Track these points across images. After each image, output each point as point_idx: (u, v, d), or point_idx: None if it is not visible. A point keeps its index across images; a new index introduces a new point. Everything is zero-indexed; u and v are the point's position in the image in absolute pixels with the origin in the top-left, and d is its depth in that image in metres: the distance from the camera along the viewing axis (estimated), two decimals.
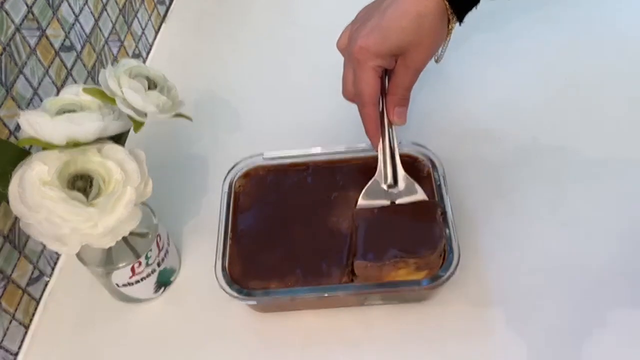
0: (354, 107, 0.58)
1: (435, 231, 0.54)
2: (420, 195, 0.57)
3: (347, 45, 0.55)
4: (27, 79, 0.59)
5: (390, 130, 0.57)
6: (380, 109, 0.57)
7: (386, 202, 0.57)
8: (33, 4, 0.60)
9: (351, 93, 0.57)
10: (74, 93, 0.51)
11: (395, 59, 0.55)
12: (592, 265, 0.57)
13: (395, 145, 0.58)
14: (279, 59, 0.83)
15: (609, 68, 0.74)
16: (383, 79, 0.56)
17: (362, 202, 0.58)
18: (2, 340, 0.56)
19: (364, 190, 0.58)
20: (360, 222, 0.56)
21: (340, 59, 0.58)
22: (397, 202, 0.57)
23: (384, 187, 0.58)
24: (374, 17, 0.53)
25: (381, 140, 0.57)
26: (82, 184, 0.47)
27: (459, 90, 0.75)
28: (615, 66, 0.74)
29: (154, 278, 0.58)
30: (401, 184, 0.57)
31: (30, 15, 0.59)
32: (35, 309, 0.60)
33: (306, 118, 0.74)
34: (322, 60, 0.80)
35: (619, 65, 0.74)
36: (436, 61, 0.59)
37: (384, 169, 0.58)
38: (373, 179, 0.58)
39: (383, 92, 0.56)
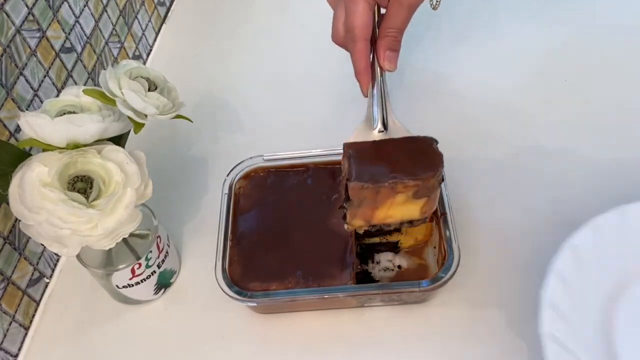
0: (354, 108, 0.57)
1: (434, 157, 0.50)
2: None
3: None
4: (27, 81, 0.59)
5: (381, 77, 0.54)
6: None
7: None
8: (33, 5, 0.60)
9: (341, 35, 0.54)
10: (74, 94, 0.51)
11: None
12: None
13: (387, 92, 0.54)
14: (279, 60, 0.83)
15: (609, 68, 0.74)
16: (374, 17, 0.53)
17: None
18: (2, 342, 0.56)
19: (352, 134, 0.54)
20: (352, 151, 0.51)
21: (340, 58, 0.58)
22: None
23: (375, 132, 0.54)
24: None
25: (371, 86, 0.54)
26: (82, 186, 0.47)
27: (458, 91, 0.75)
28: (615, 66, 0.74)
29: (154, 279, 0.58)
30: (392, 129, 0.54)
31: (30, 17, 0.59)
32: (35, 310, 0.60)
33: (306, 119, 0.74)
34: (323, 61, 0.81)
35: (619, 66, 0.74)
36: (433, 8, 0.56)
37: (373, 114, 0.54)
38: (361, 122, 0.55)
39: (373, 39, 0.54)
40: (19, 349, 0.58)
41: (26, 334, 0.59)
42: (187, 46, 0.88)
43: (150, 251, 0.56)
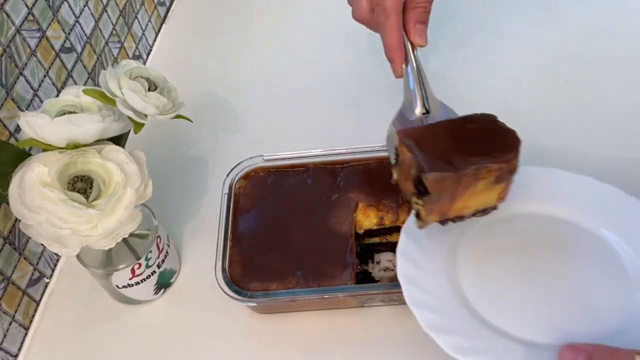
0: (354, 107, 0.57)
1: (506, 135, 0.46)
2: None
3: None
4: (27, 80, 0.59)
5: (414, 52, 0.50)
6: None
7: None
8: (33, 5, 0.60)
9: (366, 11, 0.51)
10: (74, 94, 0.51)
11: None
12: None
13: (422, 69, 0.50)
14: (279, 60, 0.83)
15: (609, 68, 0.74)
16: None
17: (392, 135, 0.50)
18: (2, 342, 0.56)
19: (392, 121, 0.50)
20: (411, 140, 0.46)
21: (340, 57, 0.58)
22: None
23: (417, 114, 0.50)
24: None
25: (404, 64, 0.50)
26: (82, 186, 0.47)
27: (458, 91, 0.74)
28: (615, 66, 0.74)
29: (154, 279, 0.58)
30: (435, 110, 0.50)
31: (30, 17, 0.59)
32: (35, 310, 0.60)
33: (306, 119, 0.74)
34: (323, 61, 0.81)
35: (619, 65, 0.74)
36: None
37: (413, 95, 0.50)
38: (399, 109, 0.51)
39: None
40: (19, 349, 0.58)
41: (26, 334, 0.59)
42: (187, 46, 0.88)
43: (150, 251, 0.56)
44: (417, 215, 0.47)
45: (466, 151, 0.45)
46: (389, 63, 0.52)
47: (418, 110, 0.50)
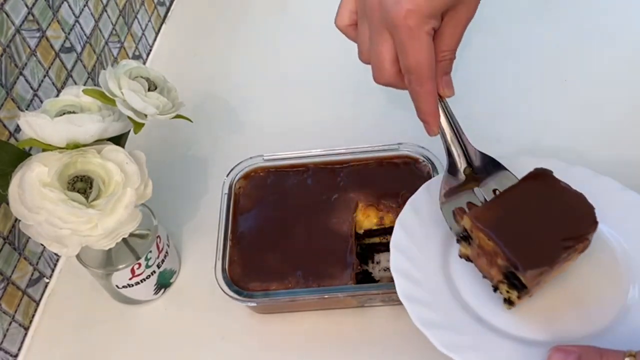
0: (354, 107, 0.57)
1: (579, 197, 0.45)
2: (503, 168, 0.50)
3: (376, 13, 0.44)
4: (27, 80, 0.59)
5: (443, 104, 0.49)
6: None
7: (478, 192, 0.49)
8: (33, 5, 0.60)
9: (390, 74, 0.47)
10: (74, 94, 0.51)
11: (443, 16, 0.46)
12: None
13: (456, 121, 0.49)
14: (279, 60, 0.83)
15: (609, 68, 0.74)
16: None
17: (446, 203, 0.49)
18: (2, 342, 0.56)
19: (441, 194, 0.49)
20: (491, 227, 0.44)
21: (340, 57, 0.58)
22: (491, 185, 0.49)
23: (462, 173, 0.50)
24: None
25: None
26: (82, 186, 0.47)
27: (458, 92, 0.74)
28: (615, 66, 0.74)
29: (154, 279, 0.58)
30: (477, 160, 0.49)
31: (30, 17, 0.59)
32: (35, 310, 0.60)
33: (306, 119, 0.74)
34: (323, 61, 0.81)
35: (619, 65, 0.74)
36: None
37: (455, 153, 0.49)
38: (444, 174, 0.50)
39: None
40: (19, 349, 0.58)
41: (26, 334, 0.59)
42: (187, 46, 0.88)
43: (150, 251, 0.56)
44: (507, 301, 0.46)
45: (547, 228, 0.45)
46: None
47: (462, 168, 0.50)
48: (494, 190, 0.50)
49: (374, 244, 0.60)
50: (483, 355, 0.44)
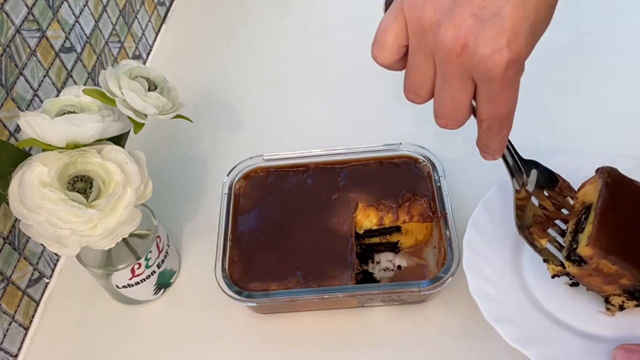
0: (354, 107, 0.57)
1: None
2: (534, 164, 0.51)
3: (453, 58, 0.36)
4: (27, 80, 0.59)
5: None
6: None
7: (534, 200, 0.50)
8: (33, 5, 0.60)
9: (465, 119, 0.42)
10: (74, 94, 0.51)
11: None
12: None
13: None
14: (279, 60, 0.83)
15: (609, 68, 0.74)
16: None
17: (522, 226, 0.49)
18: (2, 342, 0.56)
19: (514, 214, 0.49)
20: (613, 253, 0.44)
21: (340, 57, 0.58)
22: (536, 187, 0.51)
23: (518, 186, 0.50)
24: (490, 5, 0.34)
25: None
26: (82, 186, 0.47)
27: None
28: (615, 66, 0.74)
29: (153, 279, 0.58)
30: (525, 168, 0.50)
31: (30, 17, 0.59)
32: (35, 310, 0.60)
33: (306, 119, 0.74)
34: (323, 61, 0.81)
35: (619, 65, 0.74)
36: None
37: (514, 172, 0.50)
38: (513, 193, 0.50)
39: None
40: (19, 349, 0.58)
41: (26, 334, 0.59)
42: (187, 46, 0.88)
43: (150, 251, 0.56)
44: (621, 308, 0.47)
45: None
46: None
47: (521, 181, 0.50)
48: (546, 195, 0.51)
49: (374, 244, 0.60)
50: (555, 350, 0.45)
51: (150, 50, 0.87)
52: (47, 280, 0.62)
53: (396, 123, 0.69)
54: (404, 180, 0.59)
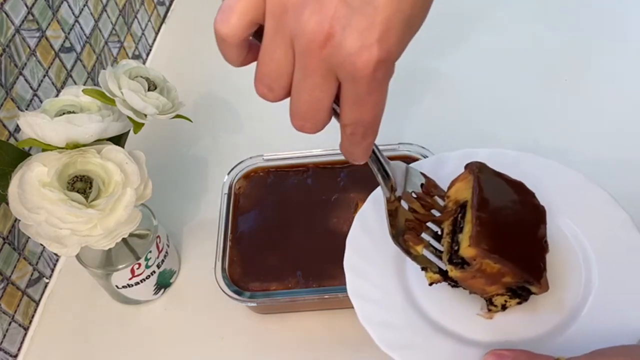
0: None
1: (521, 186, 0.47)
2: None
3: (315, 52, 0.31)
4: (26, 80, 0.59)
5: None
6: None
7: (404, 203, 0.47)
8: (33, 5, 0.60)
9: (325, 123, 0.39)
10: (73, 94, 0.51)
11: None
12: None
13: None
14: None
15: (609, 68, 0.74)
16: None
17: (395, 234, 0.46)
18: (2, 342, 0.56)
19: (387, 223, 0.45)
20: (495, 251, 0.42)
21: None
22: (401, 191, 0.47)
23: (388, 193, 0.46)
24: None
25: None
26: (81, 186, 0.47)
27: (458, 91, 0.75)
28: (615, 66, 0.74)
29: (153, 279, 0.58)
30: (393, 170, 0.46)
31: (30, 17, 0.59)
32: (35, 310, 0.60)
33: None
34: None
35: (619, 65, 0.74)
36: None
37: (382, 177, 0.45)
38: (384, 201, 0.46)
39: None
40: (19, 349, 0.58)
41: (25, 334, 0.59)
42: (187, 46, 0.88)
43: (150, 251, 0.56)
44: (503, 307, 0.45)
45: (525, 228, 0.44)
46: None
47: (388, 192, 0.45)
48: (414, 196, 0.47)
49: None
50: (422, 354, 0.43)
51: (150, 50, 0.87)
52: (47, 281, 0.62)
53: (396, 123, 0.69)
54: None
